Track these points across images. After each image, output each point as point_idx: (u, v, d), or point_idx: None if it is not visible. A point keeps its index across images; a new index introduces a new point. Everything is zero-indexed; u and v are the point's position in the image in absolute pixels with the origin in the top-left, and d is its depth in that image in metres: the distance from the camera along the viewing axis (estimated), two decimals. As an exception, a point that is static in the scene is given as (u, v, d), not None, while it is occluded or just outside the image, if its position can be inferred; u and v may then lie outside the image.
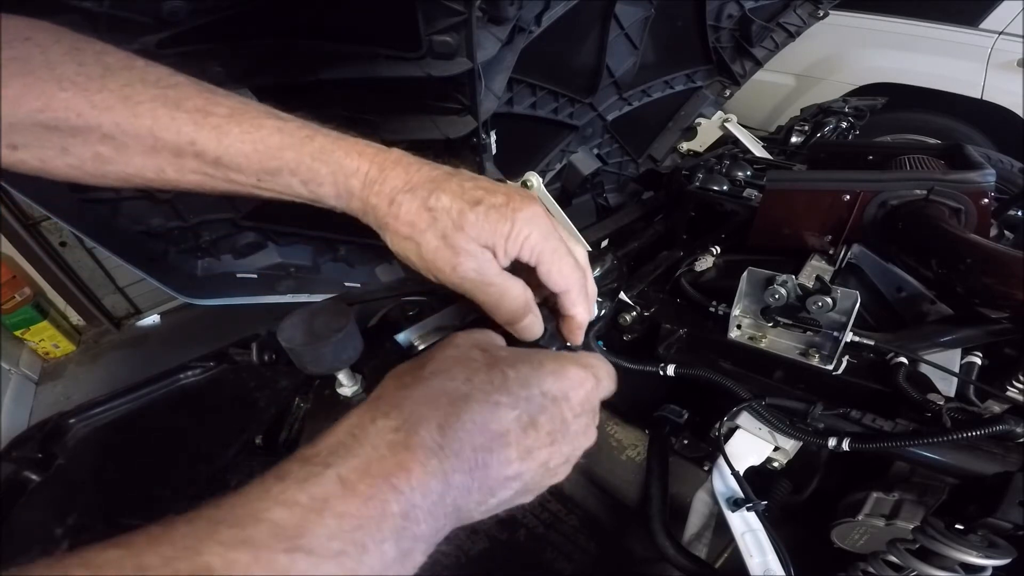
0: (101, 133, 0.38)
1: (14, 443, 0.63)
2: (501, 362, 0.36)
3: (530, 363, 0.37)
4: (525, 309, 0.43)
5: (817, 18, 1.60)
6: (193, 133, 0.39)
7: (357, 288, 1.27)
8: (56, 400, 2.73)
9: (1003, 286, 0.63)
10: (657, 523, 0.70)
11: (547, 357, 0.39)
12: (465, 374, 0.35)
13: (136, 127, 0.38)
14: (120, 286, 3.03)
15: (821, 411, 0.64)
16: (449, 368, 0.35)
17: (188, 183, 0.42)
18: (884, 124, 2.90)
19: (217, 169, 0.40)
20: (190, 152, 0.39)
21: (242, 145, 0.39)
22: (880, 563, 0.58)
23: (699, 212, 1.11)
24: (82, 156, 0.39)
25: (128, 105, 0.38)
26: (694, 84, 1.64)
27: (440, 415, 0.31)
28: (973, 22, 2.77)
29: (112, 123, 0.38)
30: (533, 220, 0.41)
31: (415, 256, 0.41)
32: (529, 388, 0.35)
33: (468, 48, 0.85)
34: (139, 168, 0.40)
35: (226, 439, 0.60)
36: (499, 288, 0.41)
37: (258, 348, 0.71)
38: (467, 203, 0.40)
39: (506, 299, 0.42)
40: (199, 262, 1.14)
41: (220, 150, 0.39)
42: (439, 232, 0.39)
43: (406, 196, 0.40)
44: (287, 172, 0.40)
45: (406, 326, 0.83)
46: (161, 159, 0.40)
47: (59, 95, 0.36)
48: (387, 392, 0.34)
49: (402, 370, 0.37)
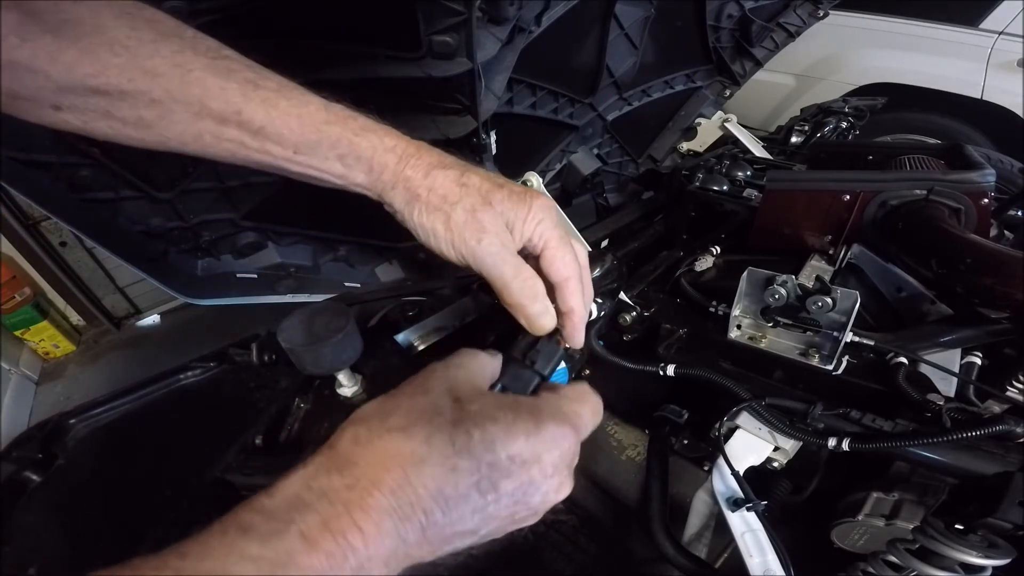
0: (150, 98, 0.39)
1: (14, 443, 0.63)
2: (468, 419, 0.34)
3: (502, 422, 0.35)
4: (536, 294, 0.44)
5: (817, 18, 1.60)
6: (241, 103, 0.40)
7: (357, 288, 1.27)
8: (56, 400, 2.73)
9: (1003, 286, 0.63)
10: (657, 523, 0.70)
11: (523, 412, 0.36)
12: (425, 433, 0.33)
13: (186, 94, 0.39)
14: (120, 286, 3.03)
15: (821, 411, 0.64)
16: (411, 425, 0.33)
17: (222, 150, 0.42)
18: (884, 124, 2.90)
19: (256, 139, 0.41)
20: (235, 121, 0.40)
21: (288, 118, 0.41)
22: (880, 563, 0.58)
23: (699, 212, 1.11)
24: (125, 119, 0.40)
25: (179, 72, 0.39)
26: (694, 84, 1.64)
27: (393, 478, 0.31)
28: (973, 22, 2.77)
29: (162, 89, 0.38)
30: (547, 208, 0.44)
31: (442, 227, 0.42)
32: (494, 452, 0.33)
33: (468, 48, 0.85)
34: (179, 133, 0.41)
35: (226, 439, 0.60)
36: (515, 267, 0.43)
37: (258, 348, 0.71)
38: (494, 184, 0.44)
39: (520, 279, 0.43)
40: (199, 262, 1.14)
41: (266, 120, 0.41)
42: (468, 206, 0.42)
43: (440, 171, 0.43)
44: (327, 145, 0.42)
45: (406, 326, 0.83)
46: (203, 125, 0.40)
47: (113, 61, 0.37)
48: (344, 445, 0.33)
49: (362, 417, 0.35)
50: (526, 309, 0.44)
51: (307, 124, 0.42)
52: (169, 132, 0.41)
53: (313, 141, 0.42)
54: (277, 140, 0.42)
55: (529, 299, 0.43)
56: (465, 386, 0.37)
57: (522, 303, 0.44)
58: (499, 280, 0.43)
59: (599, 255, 0.80)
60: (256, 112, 0.40)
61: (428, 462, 0.32)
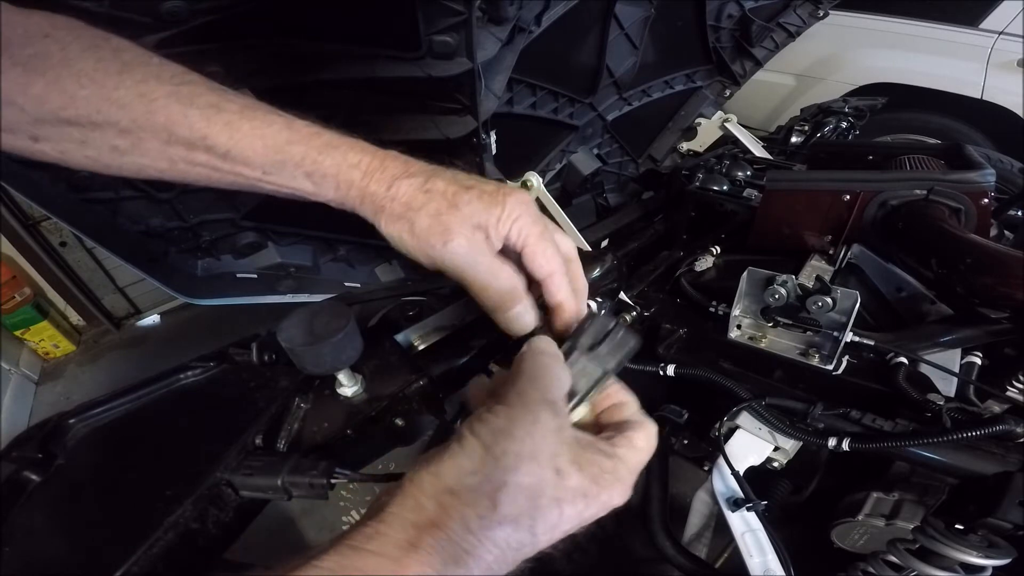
0: (118, 128, 0.40)
1: (14, 443, 0.62)
2: (567, 499, 0.34)
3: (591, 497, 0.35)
4: (514, 294, 0.43)
5: (817, 18, 1.60)
6: (205, 129, 0.41)
7: (357, 288, 1.27)
8: (56, 400, 2.73)
9: (1003, 286, 0.63)
10: (657, 523, 0.70)
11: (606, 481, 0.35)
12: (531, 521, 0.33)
13: (151, 123, 0.40)
14: (120, 286, 3.02)
15: (821, 411, 0.64)
16: (520, 515, 0.33)
17: (197, 175, 0.43)
18: (884, 124, 2.90)
19: (225, 162, 0.42)
20: (201, 146, 0.41)
21: (252, 140, 0.42)
22: (880, 563, 0.58)
23: (699, 212, 1.11)
24: (100, 148, 0.41)
25: (144, 102, 0.40)
26: (694, 84, 1.64)
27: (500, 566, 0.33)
28: (973, 22, 2.77)
29: (129, 119, 0.39)
30: (522, 204, 0.44)
31: (408, 235, 0.42)
32: (580, 521, 0.35)
33: (468, 48, 0.85)
34: (153, 159, 0.42)
35: (226, 439, 0.60)
36: (488, 268, 0.42)
37: (258, 348, 0.71)
38: (461, 187, 0.43)
39: (496, 281, 0.43)
40: (199, 262, 1.14)
41: (231, 144, 0.41)
42: (432, 211, 0.42)
43: (404, 181, 0.43)
44: (292, 165, 0.43)
45: (406, 326, 0.83)
46: (174, 152, 0.41)
47: (80, 93, 0.38)
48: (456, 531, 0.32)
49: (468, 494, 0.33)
50: (502, 312, 0.44)
51: (270, 145, 0.42)
52: (144, 160, 0.42)
53: (278, 161, 0.43)
54: (244, 162, 0.42)
55: (507, 300, 0.43)
56: (561, 441, 0.36)
57: (497, 305, 0.43)
58: (472, 283, 0.43)
59: (599, 255, 0.80)
60: (220, 136, 0.41)
61: (528, 545, 0.34)
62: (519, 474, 0.33)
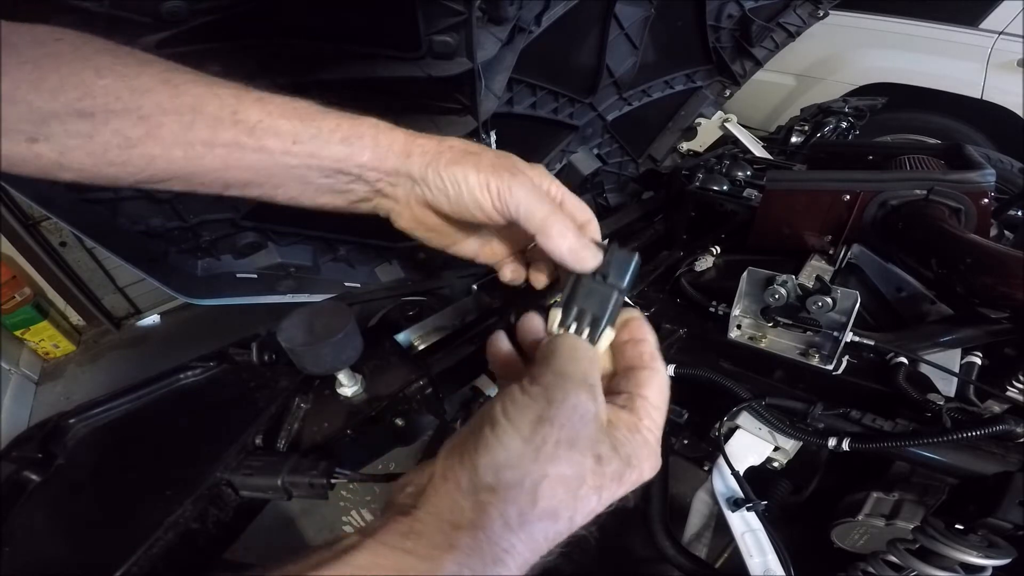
0: (138, 116, 0.38)
1: (14, 443, 0.62)
2: (605, 487, 0.34)
3: (625, 480, 0.35)
4: (577, 228, 0.44)
5: (817, 18, 1.60)
6: (236, 104, 0.40)
7: (357, 288, 1.27)
8: (56, 400, 2.73)
9: (1003, 286, 0.63)
10: (657, 523, 0.70)
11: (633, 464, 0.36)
12: (571, 512, 0.33)
13: (177, 104, 0.39)
14: (120, 286, 3.03)
15: (821, 411, 0.64)
16: (560, 507, 0.33)
17: (213, 158, 0.41)
18: (884, 124, 2.90)
19: (252, 136, 0.41)
20: (230, 120, 0.40)
21: (284, 110, 0.42)
22: (880, 563, 0.58)
23: (699, 212, 1.11)
24: (108, 143, 0.39)
25: (168, 87, 0.39)
26: (694, 84, 1.64)
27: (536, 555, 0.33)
28: (973, 22, 2.77)
29: (153, 103, 0.38)
30: (543, 169, 0.47)
31: (474, 170, 0.42)
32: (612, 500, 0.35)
33: (468, 48, 0.85)
34: (167, 147, 0.40)
35: (226, 439, 0.60)
36: (551, 204, 0.43)
37: (258, 348, 0.71)
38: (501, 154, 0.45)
39: (558, 212, 0.43)
40: (199, 262, 1.14)
41: (263, 114, 0.41)
42: (492, 155, 0.44)
43: (452, 139, 0.45)
44: (328, 130, 0.43)
45: (406, 326, 0.83)
46: (194, 134, 0.40)
47: (99, 83, 0.37)
48: (496, 529, 0.31)
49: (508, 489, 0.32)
50: (567, 243, 0.42)
51: (304, 116, 0.42)
52: (156, 149, 0.40)
53: (313, 126, 0.42)
54: (275, 133, 0.41)
55: (573, 232, 0.42)
56: (600, 426, 0.35)
57: (563, 238, 0.42)
58: (538, 215, 0.42)
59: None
60: (251, 108, 0.41)
61: (566, 532, 0.33)
62: (560, 464, 0.32)
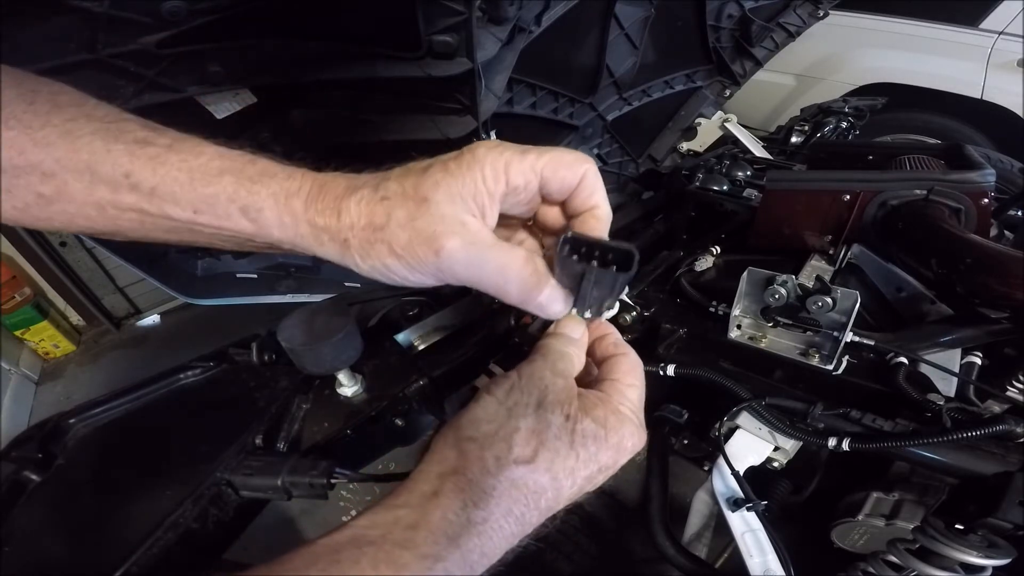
0: (41, 172, 0.36)
1: (14, 443, 0.62)
2: (579, 441, 0.37)
3: (602, 440, 0.38)
4: (537, 278, 0.37)
5: (817, 18, 1.60)
6: (128, 164, 0.36)
7: (357, 288, 1.27)
8: (56, 400, 2.73)
9: (1003, 286, 0.63)
10: (657, 523, 0.70)
11: (612, 427, 0.38)
12: (548, 463, 0.36)
13: (75, 162, 0.36)
14: (120, 286, 3.03)
15: (821, 411, 0.64)
16: (535, 456, 0.36)
17: (128, 222, 0.38)
18: (884, 124, 2.90)
19: (152, 203, 0.37)
20: (125, 185, 0.37)
21: (179, 173, 0.37)
22: (880, 563, 0.58)
23: (699, 212, 1.11)
24: (25, 198, 0.37)
25: (68, 140, 0.36)
26: (694, 84, 1.64)
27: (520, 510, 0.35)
28: (973, 22, 2.77)
29: (52, 159, 0.36)
30: (497, 149, 0.37)
31: (391, 261, 0.36)
32: (597, 463, 0.38)
33: (468, 48, 0.85)
34: (80, 206, 0.38)
35: (226, 439, 0.60)
36: (497, 263, 0.36)
37: (258, 348, 0.71)
38: (419, 173, 0.36)
39: (512, 270, 0.36)
40: (199, 262, 1.14)
41: (156, 179, 0.37)
42: (402, 219, 0.35)
43: (351, 199, 0.36)
44: (225, 199, 0.37)
45: (406, 326, 0.83)
46: (99, 195, 0.37)
47: (5, 134, 0.35)
48: (475, 473, 0.35)
49: (486, 438, 0.36)
50: (529, 304, 0.38)
51: (198, 177, 0.37)
52: (71, 207, 0.38)
53: (210, 196, 0.37)
54: (173, 200, 0.37)
55: (530, 289, 0.37)
56: (568, 394, 0.39)
57: (521, 299, 0.37)
58: (486, 286, 0.37)
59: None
60: (144, 171, 0.36)
61: (550, 490, 0.36)
62: (529, 419, 0.36)
